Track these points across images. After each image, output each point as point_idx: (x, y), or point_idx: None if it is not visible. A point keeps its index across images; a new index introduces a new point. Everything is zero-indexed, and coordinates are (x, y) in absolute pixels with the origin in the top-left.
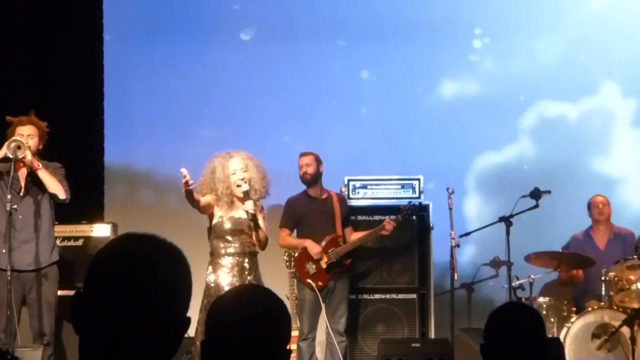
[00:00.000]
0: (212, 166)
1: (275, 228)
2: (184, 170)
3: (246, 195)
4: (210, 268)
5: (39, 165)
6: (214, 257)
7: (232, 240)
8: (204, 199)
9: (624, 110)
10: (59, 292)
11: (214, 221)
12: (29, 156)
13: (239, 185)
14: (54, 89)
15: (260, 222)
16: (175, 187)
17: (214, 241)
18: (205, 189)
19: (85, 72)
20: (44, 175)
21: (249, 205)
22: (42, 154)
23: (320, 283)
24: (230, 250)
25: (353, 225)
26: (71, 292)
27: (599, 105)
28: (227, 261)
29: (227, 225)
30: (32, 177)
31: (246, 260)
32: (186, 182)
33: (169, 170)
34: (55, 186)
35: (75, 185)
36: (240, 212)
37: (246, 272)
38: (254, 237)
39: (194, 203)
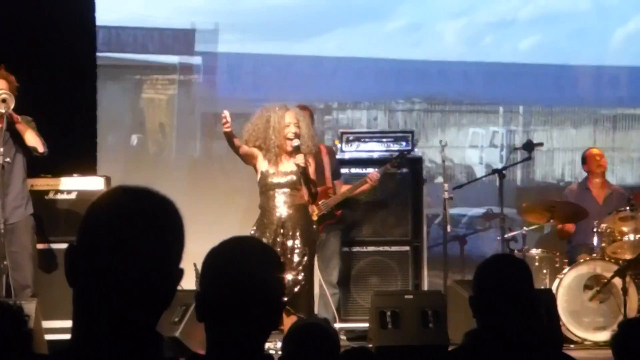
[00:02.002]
0: (267, 115)
1: None
2: (225, 112)
3: (297, 150)
4: (255, 226)
5: (18, 119)
6: (261, 213)
7: (279, 193)
8: (247, 148)
9: None
10: (55, 245)
11: (259, 176)
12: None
13: (289, 139)
14: (44, 38)
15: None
16: (169, 140)
17: (261, 196)
18: (254, 137)
19: (78, 19)
20: (23, 129)
21: (300, 158)
22: (32, 106)
23: None
24: (277, 204)
25: (346, 178)
26: (64, 246)
27: None
28: (271, 217)
29: (274, 180)
30: (9, 130)
31: (288, 214)
32: (224, 123)
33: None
34: (34, 140)
35: (69, 138)
36: (287, 165)
37: (289, 226)
38: (303, 190)
39: (235, 148)
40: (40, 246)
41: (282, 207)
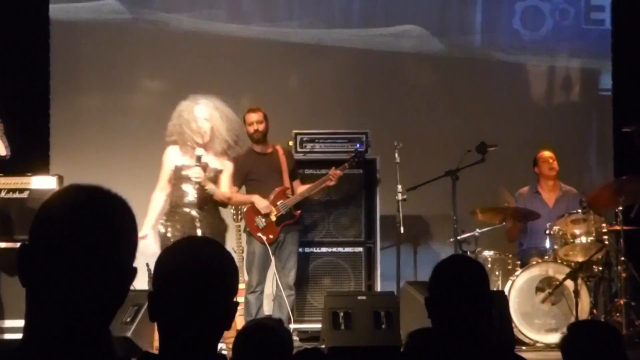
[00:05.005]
0: (180, 109)
1: None
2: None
3: (197, 160)
4: (164, 218)
5: None
6: (170, 207)
7: (186, 190)
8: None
9: None
10: (3, 245)
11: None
12: None
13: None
14: None
15: (211, 187)
16: (121, 140)
17: (174, 190)
18: (175, 134)
19: (31, 22)
20: None
21: (196, 172)
22: None
23: (271, 236)
24: (186, 200)
25: (301, 179)
26: (16, 245)
27: None
28: (181, 212)
29: (183, 174)
30: None
31: (197, 211)
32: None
33: (116, 122)
34: None
35: (21, 137)
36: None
37: (197, 224)
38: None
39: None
40: None
41: (190, 203)
